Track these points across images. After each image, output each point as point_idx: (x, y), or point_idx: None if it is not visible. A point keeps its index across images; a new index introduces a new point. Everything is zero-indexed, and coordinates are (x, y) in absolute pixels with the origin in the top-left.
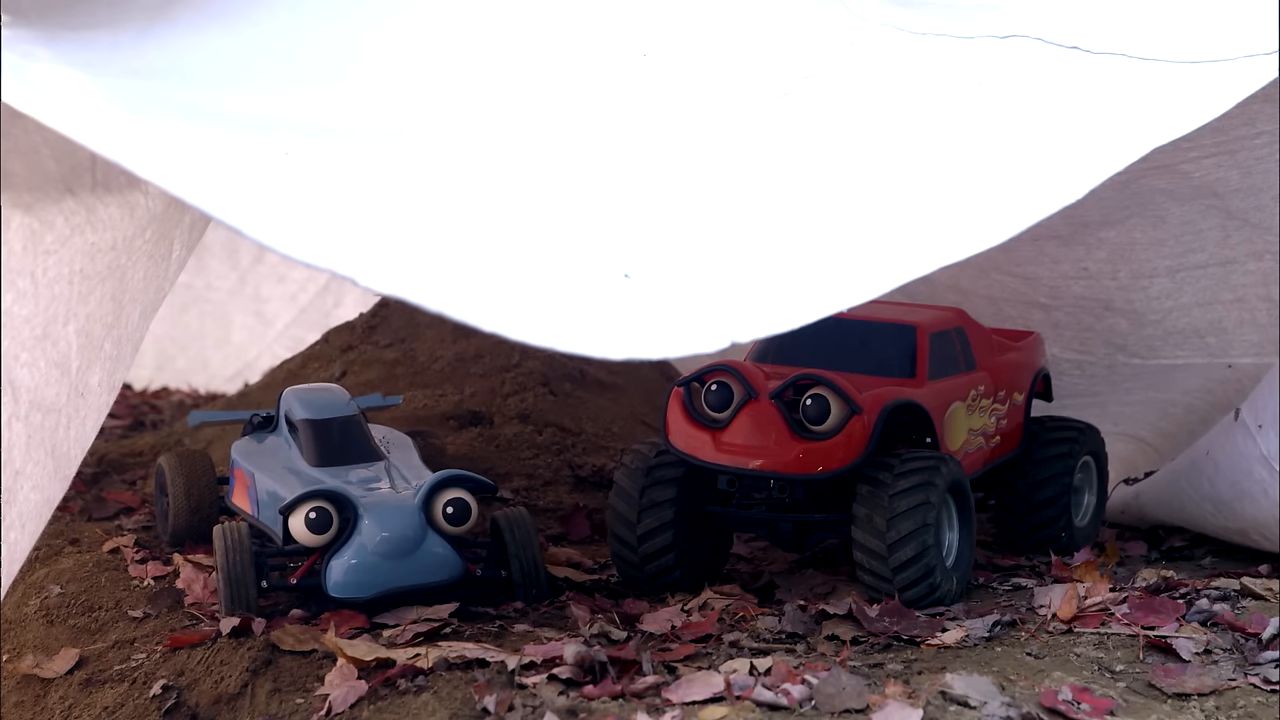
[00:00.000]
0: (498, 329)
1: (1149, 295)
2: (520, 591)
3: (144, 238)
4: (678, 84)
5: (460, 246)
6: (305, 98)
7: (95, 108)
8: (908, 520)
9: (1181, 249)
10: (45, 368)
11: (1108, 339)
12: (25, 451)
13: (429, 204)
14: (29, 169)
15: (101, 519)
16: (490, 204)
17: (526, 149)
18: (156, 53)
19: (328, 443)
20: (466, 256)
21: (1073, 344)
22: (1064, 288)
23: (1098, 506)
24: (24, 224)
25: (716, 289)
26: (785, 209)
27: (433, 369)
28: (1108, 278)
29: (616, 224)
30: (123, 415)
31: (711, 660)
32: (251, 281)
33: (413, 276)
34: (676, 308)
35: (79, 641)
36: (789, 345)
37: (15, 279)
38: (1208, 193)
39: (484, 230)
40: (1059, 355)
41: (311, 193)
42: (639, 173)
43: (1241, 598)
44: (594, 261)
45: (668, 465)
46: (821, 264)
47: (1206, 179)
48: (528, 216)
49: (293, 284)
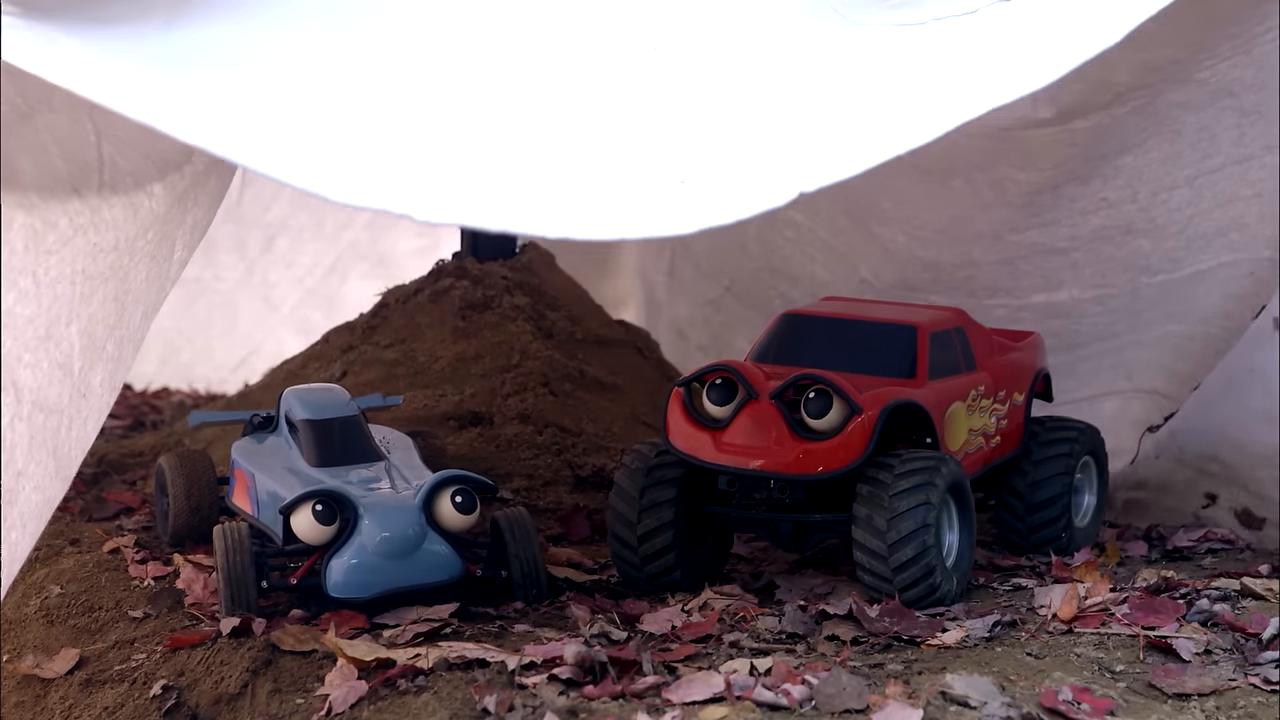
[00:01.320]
0: (570, 233)
1: (1170, 208)
2: (520, 592)
3: (146, 238)
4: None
5: (509, 163)
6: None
7: (88, 58)
8: (908, 520)
9: (1198, 156)
10: (48, 368)
11: (1129, 263)
12: (27, 452)
13: (462, 130)
14: (37, 168)
15: (102, 519)
16: (527, 118)
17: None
18: (167, 31)
19: (328, 443)
20: (518, 172)
21: (1093, 280)
22: (1082, 224)
23: (1098, 506)
24: (26, 224)
25: (776, 146)
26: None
27: (433, 369)
28: (1127, 202)
29: (661, 121)
30: (123, 415)
31: (712, 660)
32: (259, 270)
33: (471, 200)
34: (739, 170)
35: (79, 642)
36: (789, 346)
37: (17, 279)
38: (1223, 94)
39: (527, 142)
40: (1079, 297)
41: (333, 129)
42: (667, 78)
43: (1242, 598)
44: (647, 149)
45: (668, 465)
46: (877, 111)
47: (1223, 81)
48: (571, 124)
49: (300, 269)
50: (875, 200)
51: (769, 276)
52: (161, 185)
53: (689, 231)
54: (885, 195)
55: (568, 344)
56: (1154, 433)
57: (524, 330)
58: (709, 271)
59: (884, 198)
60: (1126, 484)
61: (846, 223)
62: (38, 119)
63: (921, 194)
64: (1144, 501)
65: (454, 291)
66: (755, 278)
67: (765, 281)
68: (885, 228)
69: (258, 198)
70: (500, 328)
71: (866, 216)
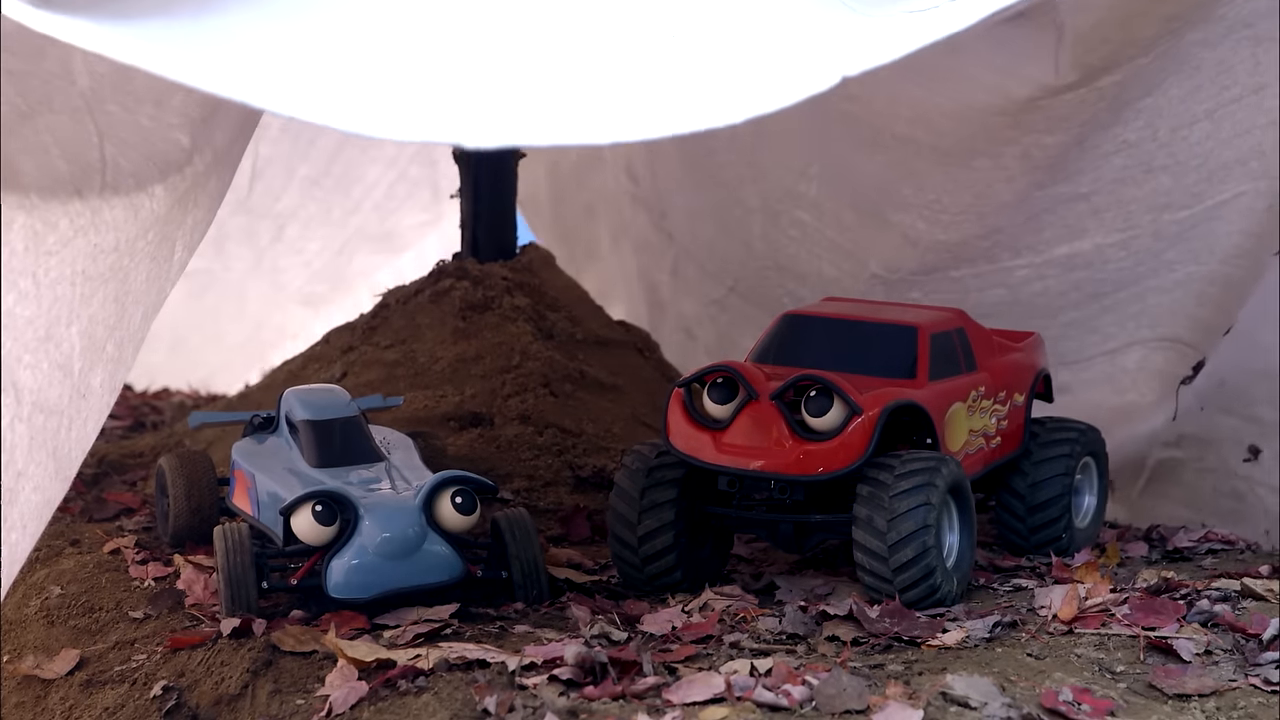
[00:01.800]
0: (623, 136)
1: (1190, 143)
2: (521, 592)
3: (147, 239)
4: None
5: (552, 80)
6: None
7: (99, 17)
8: (908, 521)
9: (1216, 89)
10: (48, 369)
11: (1151, 202)
12: (27, 453)
13: (499, 55)
14: (38, 169)
15: (102, 520)
16: (562, 34)
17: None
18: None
19: (328, 444)
20: (564, 86)
21: (1115, 223)
22: (1104, 167)
23: (1098, 507)
24: (26, 225)
25: (818, 35)
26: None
27: (433, 370)
28: (1148, 141)
29: (699, 17)
30: (123, 416)
31: (712, 661)
32: (269, 258)
33: (518, 120)
34: (782, 58)
35: (79, 642)
36: (789, 346)
37: (17, 280)
38: (1240, 25)
39: (567, 57)
40: (1102, 243)
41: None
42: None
43: (1242, 598)
44: (687, 45)
45: (668, 466)
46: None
47: (1240, 15)
48: (608, 31)
49: (308, 254)
50: (894, 187)
51: (775, 275)
52: (163, 186)
53: (739, 120)
54: (904, 182)
55: (568, 345)
56: (1188, 384)
57: (524, 331)
58: (713, 271)
59: (903, 185)
60: (1160, 441)
61: (853, 218)
62: (39, 119)
63: (942, 178)
64: (1179, 462)
65: (454, 292)
66: (760, 276)
67: (771, 280)
68: (904, 214)
69: (268, 189)
70: (500, 328)
71: (882, 206)
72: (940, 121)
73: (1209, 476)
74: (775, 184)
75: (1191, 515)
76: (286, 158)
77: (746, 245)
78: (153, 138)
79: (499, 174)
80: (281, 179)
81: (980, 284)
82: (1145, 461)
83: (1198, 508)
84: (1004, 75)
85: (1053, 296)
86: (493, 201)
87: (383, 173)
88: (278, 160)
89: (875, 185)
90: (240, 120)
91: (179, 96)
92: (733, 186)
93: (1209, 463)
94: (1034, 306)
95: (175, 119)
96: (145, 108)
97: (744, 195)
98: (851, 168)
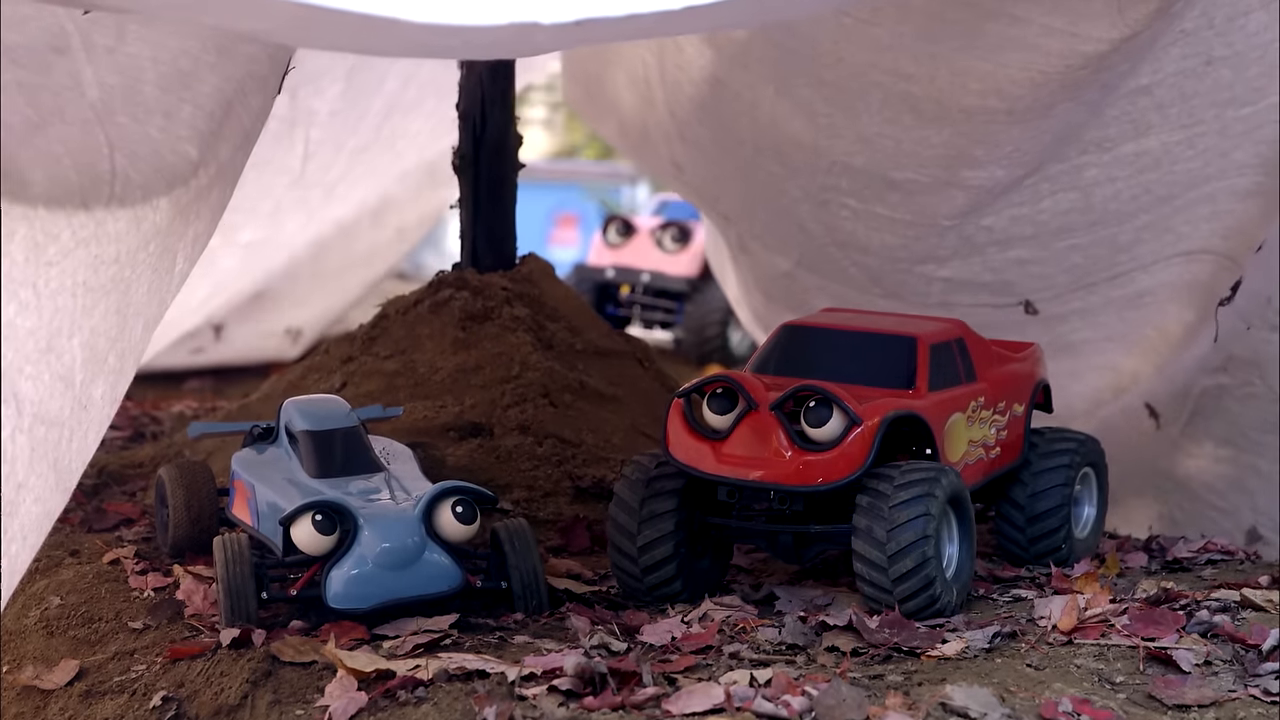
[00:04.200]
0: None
1: (1247, 32)
2: (520, 603)
3: (148, 251)
4: None
5: None
6: None
7: None
8: (908, 531)
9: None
10: (49, 381)
11: (1214, 98)
12: (28, 464)
13: None
14: (49, 179)
15: (101, 530)
16: None
17: None
18: None
19: (328, 454)
20: None
21: (1180, 120)
22: (1163, 58)
23: (1098, 517)
24: (27, 236)
25: None
26: None
27: (433, 380)
28: (1204, 29)
29: None
30: (123, 426)
31: (712, 672)
32: (318, 218)
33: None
34: None
35: (79, 653)
36: (789, 357)
37: (18, 290)
38: None
39: None
40: (1168, 140)
41: None
42: None
43: (1242, 609)
44: None
45: (668, 477)
46: None
47: None
48: None
49: (354, 200)
50: (965, 152)
51: (836, 251)
52: (167, 199)
53: None
54: (976, 146)
55: (568, 355)
56: (1227, 304)
57: (524, 341)
58: (775, 248)
59: (975, 148)
60: (1207, 369)
61: (898, 196)
62: (50, 130)
63: (1019, 133)
64: (1226, 390)
65: (454, 302)
66: (822, 253)
67: (834, 255)
68: (977, 170)
69: (319, 166)
70: (500, 339)
71: (952, 169)
72: (1012, 89)
73: (1253, 404)
74: (809, 180)
75: (1232, 454)
76: (336, 137)
77: (801, 228)
78: (162, 149)
79: (499, 185)
80: (331, 154)
81: (1052, 188)
82: (1190, 392)
83: (1237, 444)
84: (1068, 38)
85: (1124, 201)
86: (492, 212)
87: (424, 122)
88: (328, 141)
89: (941, 156)
90: (245, 132)
91: (187, 109)
92: (770, 182)
93: (1255, 387)
94: (1106, 212)
95: (184, 131)
96: (155, 119)
97: (786, 188)
98: (912, 143)
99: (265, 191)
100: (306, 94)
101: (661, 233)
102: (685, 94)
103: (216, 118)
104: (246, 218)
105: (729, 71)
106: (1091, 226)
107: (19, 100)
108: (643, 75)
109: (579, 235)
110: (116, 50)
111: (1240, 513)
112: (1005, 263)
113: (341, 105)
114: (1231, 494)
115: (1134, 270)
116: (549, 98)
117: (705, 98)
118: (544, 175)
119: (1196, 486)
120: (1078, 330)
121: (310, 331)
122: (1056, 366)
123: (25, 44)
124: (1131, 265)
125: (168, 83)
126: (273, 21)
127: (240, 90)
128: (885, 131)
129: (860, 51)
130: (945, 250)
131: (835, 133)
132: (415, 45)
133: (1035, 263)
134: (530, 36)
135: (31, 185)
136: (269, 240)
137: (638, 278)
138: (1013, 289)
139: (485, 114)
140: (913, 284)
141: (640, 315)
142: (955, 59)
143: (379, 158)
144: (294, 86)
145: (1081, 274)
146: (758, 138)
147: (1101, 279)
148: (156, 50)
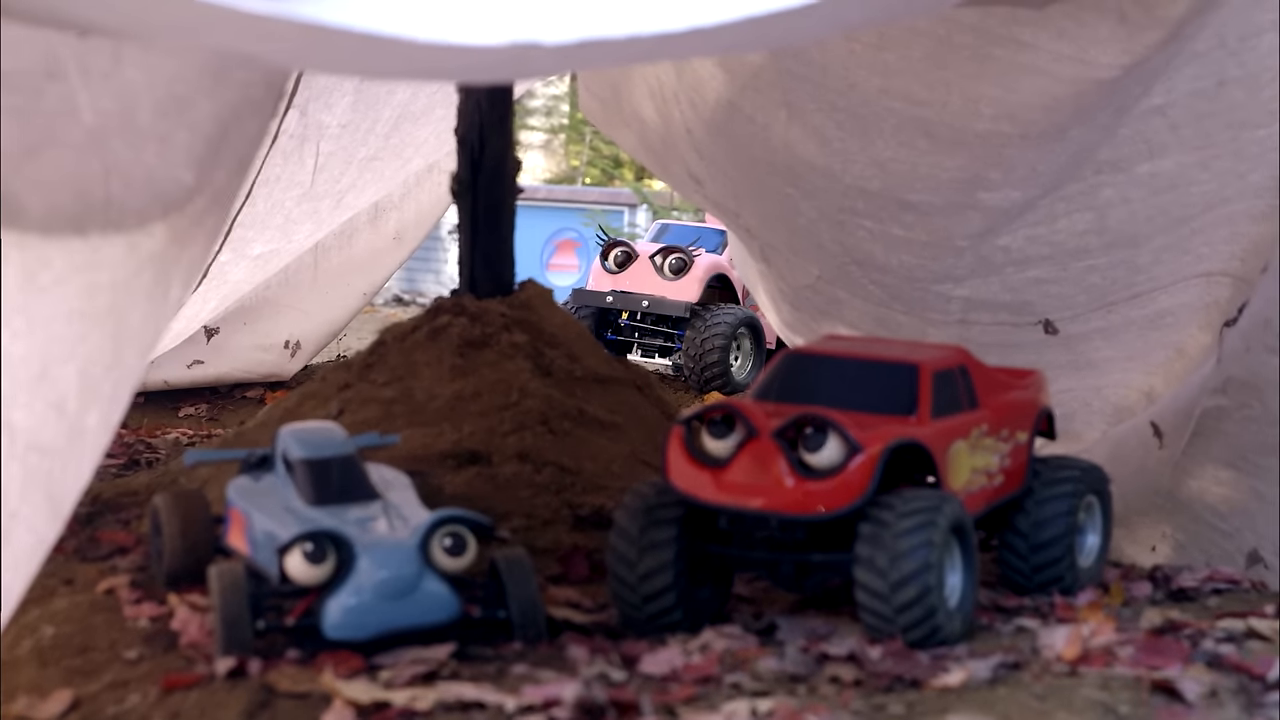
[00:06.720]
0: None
1: (1260, 53)
2: (519, 632)
3: (142, 277)
4: None
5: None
6: None
7: None
8: (910, 560)
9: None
10: (43, 409)
11: (1228, 119)
12: (21, 493)
13: None
14: (44, 205)
15: (96, 559)
16: None
17: None
18: None
19: (325, 482)
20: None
21: (1194, 141)
22: (1176, 78)
23: (1102, 546)
24: (20, 262)
25: None
26: None
27: (430, 407)
28: (1217, 49)
29: None
30: (117, 454)
31: (712, 702)
32: (328, 224)
33: (590, 16)
34: None
35: (73, 683)
36: (791, 384)
37: (11, 317)
38: None
39: None
40: (1183, 161)
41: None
42: None
43: (1247, 639)
44: None
45: (668, 505)
46: None
47: None
48: None
49: (362, 205)
50: (980, 175)
51: (856, 269)
52: (163, 225)
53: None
54: (991, 169)
55: (567, 382)
56: (1232, 326)
57: (522, 368)
58: (796, 262)
59: (990, 171)
60: (1208, 388)
61: (913, 217)
62: (45, 155)
63: (1034, 155)
64: (1225, 412)
65: (452, 329)
66: (842, 270)
67: (854, 273)
68: (992, 193)
69: (329, 177)
70: (498, 365)
71: (968, 192)
72: (1025, 113)
73: (1252, 427)
74: (825, 202)
75: (1233, 477)
76: (346, 148)
77: (820, 246)
78: (157, 175)
79: (497, 210)
80: (341, 166)
81: (1068, 208)
82: (1192, 413)
83: (1237, 467)
84: (1078, 64)
85: (1140, 222)
86: (490, 238)
87: (432, 129)
88: (338, 153)
89: (956, 179)
90: (240, 157)
91: (183, 134)
92: (787, 202)
93: (1253, 410)
94: (1122, 233)
95: (180, 156)
96: (150, 145)
97: (802, 209)
98: (927, 167)
99: (276, 206)
100: (316, 109)
101: (661, 259)
102: (701, 113)
103: (212, 143)
104: (258, 232)
105: (741, 95)
106: (1108, 248)
107: (13, 126)
108: (660, 90)
109: (578, 260)
110: (112, 76)
111: (1241, 535)
112: (1023, 282)
113: (351, 117)
114: (1233, 517)
115: (1154, 291)
116: (548, 122)
117: (719, 119)
118: (543, 200)
119: (1199, 508)
120: (1099, 349)
121: (309, 345)
122: (1079, 383)
123: (19, 69)
124: (1151, 286)
125: (163, 108)
126: (274, 43)
127: (236, 115)
128: (899, 156)
129: (871, 77)
130: (962, 270)
131: (849, 157)
132: (417, 66)
133: (1053, 282)
134: (531, 57)
135: (26, 211)
136: (278, 252)
137: (638, 304)
138: (1032, 308)
139: (483, 139)
140: (931, 302)
141: (640, 342)
142: (966, 84)
143: (387, 165)
144: (304, 103)
145: (1100, 294)
146: (771, 159)
147: (1121, 299)
148: (152, 76)
